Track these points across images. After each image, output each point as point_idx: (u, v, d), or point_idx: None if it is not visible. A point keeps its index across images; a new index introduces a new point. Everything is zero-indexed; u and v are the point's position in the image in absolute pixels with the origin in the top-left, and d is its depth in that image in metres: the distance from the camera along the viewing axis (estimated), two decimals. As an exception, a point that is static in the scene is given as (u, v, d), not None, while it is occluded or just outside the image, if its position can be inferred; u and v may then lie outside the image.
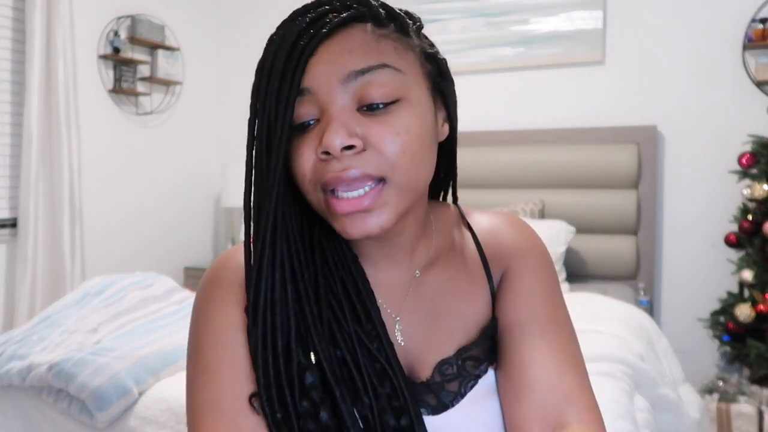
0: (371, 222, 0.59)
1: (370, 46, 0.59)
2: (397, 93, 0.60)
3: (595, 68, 3.15)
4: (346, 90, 0.59)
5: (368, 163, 0.58)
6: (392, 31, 0.62)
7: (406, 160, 0.59)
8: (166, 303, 2.10)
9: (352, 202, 0.58)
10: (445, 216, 0.76)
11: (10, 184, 2.90)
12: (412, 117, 0.60)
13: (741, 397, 2.47)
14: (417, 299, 0.70)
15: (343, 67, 0.58)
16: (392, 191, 0.59)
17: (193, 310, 0.68)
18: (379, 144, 0.58)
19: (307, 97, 0.59)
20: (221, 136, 4.00)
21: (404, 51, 0.62)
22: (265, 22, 3.84)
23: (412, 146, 0.59)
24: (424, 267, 0.71)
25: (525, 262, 0.72)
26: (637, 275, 2.98)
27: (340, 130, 0.57)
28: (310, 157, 0.59)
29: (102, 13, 3.25)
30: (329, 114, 0.58)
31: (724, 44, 2.91)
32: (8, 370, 1.69)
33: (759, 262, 2.60)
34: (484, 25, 3.35)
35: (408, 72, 0.61)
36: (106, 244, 3.28)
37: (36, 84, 2.81)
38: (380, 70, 0.59)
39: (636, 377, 1.63)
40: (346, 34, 0.60)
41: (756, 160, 2.65)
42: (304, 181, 0.61)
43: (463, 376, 0.66)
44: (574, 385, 0.63)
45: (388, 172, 0.59)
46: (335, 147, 0.57)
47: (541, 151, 3.11)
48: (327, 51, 0.59)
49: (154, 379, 1.64)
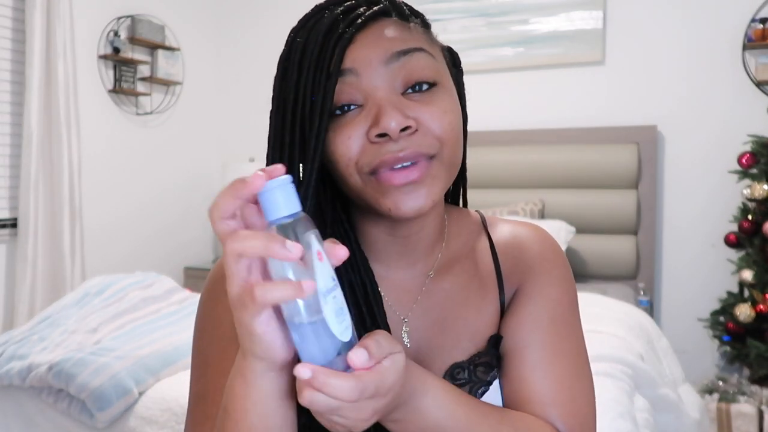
0: (422, 195, 0.60)
1: (406, 33, 0.63)
2: (435, 76, 0.63)
3: (595, 68, 3.15)
4: (388, 71, 0.60)
5: (421, 141, 0.60)
6: (418, 25, 0.65)
7: (454, 136, 0.62)
8: (166, 303, 2.10)
9: (405, 172, 0.60)
10: (464, 221, 0.76)
11: (10, 184, 2.90)
12: (451, 99, 0.64)
13: (741, 397, 2.47)
14: (427, 303, 0.70)
15: (384, 49, 0.60)
16: (440, 166, 0.62)
17: (200, 304, 0.71)
18: (429, 123, 0.61)
19: (348, 80, 0.60)
20: (221, 136, 4.00)
21: (432, 42, 0.66)
22: (265, 22, 3.85)
23: (456, 124, 0.63)
24: (437, 270, 0.71)
25: (538, 284, 0.70)
26: (637, 275, 2.98)
27: (396, 113, 0.58)
28: (358, 140, 0.60)
29: (102, 13, 3.25)
30: (378, 98, 0.60)
31: (724, 44, 2.91)
32: (8, 370, 1.69)
33: (759, 262, 2.60)
34: (484, 25, 3.35)
35: (438, 60, 0.65)
36: (106, 244, 3.28)
37: (36, 84, 2.81)
38: (419, 53, 0.62)
39: (636, 377, 1.63)
40: (380, 24, 0.62)
41: (756, 160, 2.65)
42: (349, 165, 0.61)
43: (474, 381, 0.66)
44: (562, 416, 0.64)
45: (437, 149, 0.61)
46: (394, 129, 0.58)
47: (541, 151, 3.11)
48: (365, 38, 0.61)
49: (154, 379, 1.64)
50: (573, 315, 0.71)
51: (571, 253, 2.95)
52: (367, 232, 0.69)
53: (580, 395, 0.66)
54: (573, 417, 0.64)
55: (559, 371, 0.66)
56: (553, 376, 0.65)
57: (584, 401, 0.66)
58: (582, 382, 0.67)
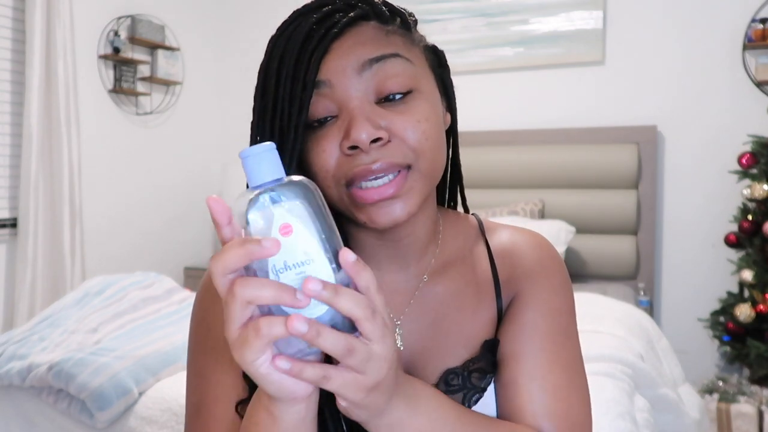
0: (398, 209, 0.60)
1: (381, 39, 0.61)
2: (411, 83, 0.61)
3: (594, 68, 3.15)
4: (362, 80, 0.59)
5: (394, 152, 0.59)
6: (398, 27, 0.64)
7: (429, 146, 0.61)
8: (166, 303, 2.10)
9: (379, 190, 0.59)
10: (460, 225, 0.75)
11: (10, 184, 2.90)
12: (427, 106, 0.62)
13: (741, 397, 2.47)
14: (421, 306, 0.69)
15: (357, 57, 0.59)
16: (417, 177, 0.61)
17: (193, 310, 0.70)
18: (402, 133, 0.59)
19: (323, 91, 0.59)
20: (221, 136, 4.00)
21: (411, 44, 0.64)
22: (265, 22, 3.84)
23: (432, 132, 0.61)
24: (431, 274, 0.70)
25: (537, 291, 0.69)
26: (637, 275, 2.98)
27: (366, 124, 0.58)
28: (333, 152, 0.59)
29: (102, 13, 3.25)
30: (350, 108, 0.59)
31: (724, 44, 2.91)
32: (8, 370, 1.69)
33: (759, 262, 2.60)
34: (484, 25, 3.35)
35: (417, 64, 0.63)
36: (106, 244, 3.28)
37: (36, 84, 2.81)
38: (393, 59, 0.61)
39: (636, 377, 1.63)
40: (356, 31, 0.61)
41: (756, 160, 2.65)
42: (326, 177, 0.60)
43: (468, 388, 0.65)
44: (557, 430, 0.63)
45: (413, 159, 0.60)
46: (364, 141, 0.57)
47: (541, 151, 3.11)
48: (339, 47, 0.60)
49: (154, 379, 1.64)
50: (571, 324, 0.70)
51: (571, 253, 2.95)
52: (356, 235, 0.68)
53: (576, 408, 0.65)
54: (568, 431, 0.63)
55: (555, 382, 0.65)
56: (549, 386, 0.64)
57: (580, 415, 0.66)
58: (578, 394, 0.66)
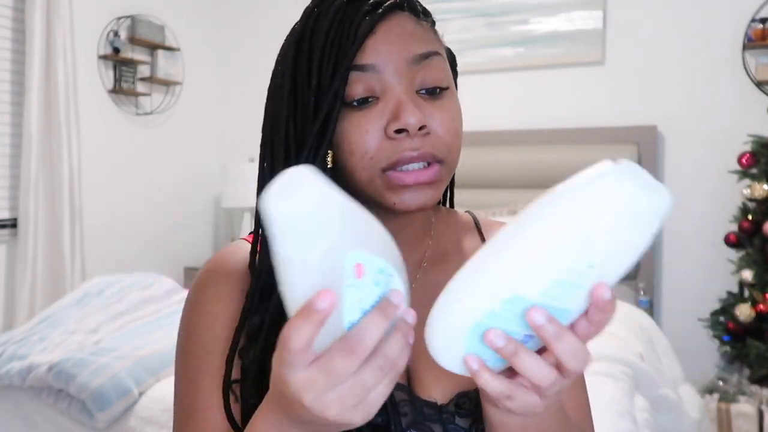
0: (429, 195, 0.60)
1: (424, 34, 0.62)
2: (446, 80, 0.63)
3: (594, 68, 3.15)
4: (410, 71, 0.60)
5: (433, 144, 0.60)
6: (430, 25, 0.65)
7: (458, 144, 0.63)
8: (166, 303, 2.10)
9: (418, 174, 0.59)
10: (452, 220, 0.75)
11: (10, 184, 2.90)
12: (457, 105, 0.64)
13: (741, 397, 2.47)
14: (419, 297, 0.67)
15: (409, 49, 0.60)
16: (445, 172, 0.62)
17: (184, 311, 0.68)
18: (438, 127, 0.60)
19: (369, 73, 0.59)
20: (221, 137, 4.00)
21: (441, 43, 0.65)
22: (265, 22, 3.85)
23: (460, 131, 0.63)
24: (423, 268, 0.70)
25: None
26: (637, 275, 2.98)
27: (416, 109, 0.58)
28: (376, 134, 0.59)
29: (102, 13, 3.25)
30: (398, 93, 0.59)
31: (724, 44, 2.91)
32: (8, 370, 1.69)
33: (759, 262, 2.60)
34: (484, 25, 3.35)
35: (447, 63, 0.65)
36: (106, 244, 3.28)
37: (36, 84, 2.81)
38: (436, 57, 0.62)
39: (636, 377, 1.63)
40: (397, 18, 0.61)
41: (756, 160, 2.65)
42: (364, 158, 0.59)
43: (479, 413, 0.61)
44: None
45: (446, 154, 0.61)
46: (413, 125, 0.58)
47: (541, 151, 3.11)
48: (387, 31, 0.60)
49: (154, 379, 1.64)
50: None
51: (571, 253, 2.95)
52: None
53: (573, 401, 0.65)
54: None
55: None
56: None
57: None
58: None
